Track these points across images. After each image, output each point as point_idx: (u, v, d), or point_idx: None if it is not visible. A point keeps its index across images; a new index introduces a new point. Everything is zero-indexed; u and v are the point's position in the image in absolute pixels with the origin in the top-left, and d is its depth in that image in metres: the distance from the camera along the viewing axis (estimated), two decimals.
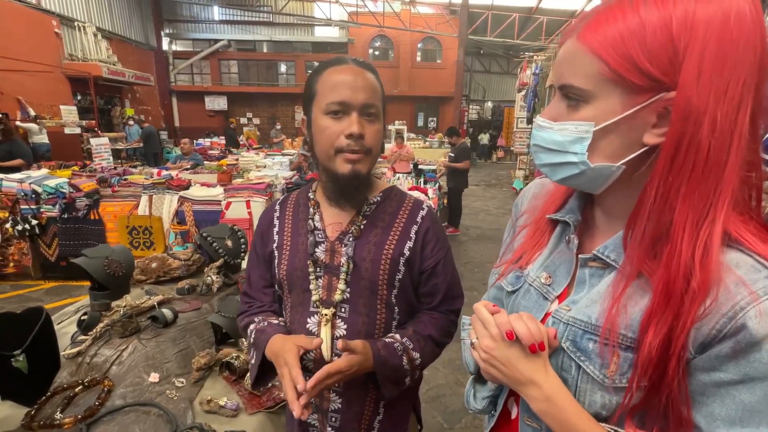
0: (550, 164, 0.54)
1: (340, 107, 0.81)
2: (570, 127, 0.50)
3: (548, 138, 0.53)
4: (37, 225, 3.97)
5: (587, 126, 0.49)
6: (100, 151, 7.40)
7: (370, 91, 0.82)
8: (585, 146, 0.49)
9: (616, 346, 0.49)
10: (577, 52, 0.49)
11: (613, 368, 0.50)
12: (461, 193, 5.96)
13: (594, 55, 0.47)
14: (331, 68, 0.84)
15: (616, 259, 0.53)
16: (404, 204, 0.93)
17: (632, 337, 0.48)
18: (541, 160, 0.56)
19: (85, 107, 10.48)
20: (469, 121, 17.63)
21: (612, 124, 0.48)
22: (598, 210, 0.60)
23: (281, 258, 0.93)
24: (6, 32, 8.04)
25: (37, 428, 1.01)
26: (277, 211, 0.99)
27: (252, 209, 3.89)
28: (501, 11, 13.26)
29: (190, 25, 16.33)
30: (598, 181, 0.52)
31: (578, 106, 0.50)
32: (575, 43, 0.49)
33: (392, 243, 0.88)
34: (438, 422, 2.34)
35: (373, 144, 0.84)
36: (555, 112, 0.53)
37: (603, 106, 0.48)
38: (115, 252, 1.69)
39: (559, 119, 0.52)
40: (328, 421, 0.92)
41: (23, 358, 1.03)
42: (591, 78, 0.48)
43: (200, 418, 1.08)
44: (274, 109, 17.39)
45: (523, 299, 0.63)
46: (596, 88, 0.48)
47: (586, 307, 0.53)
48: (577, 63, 0.49)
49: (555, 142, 0.52)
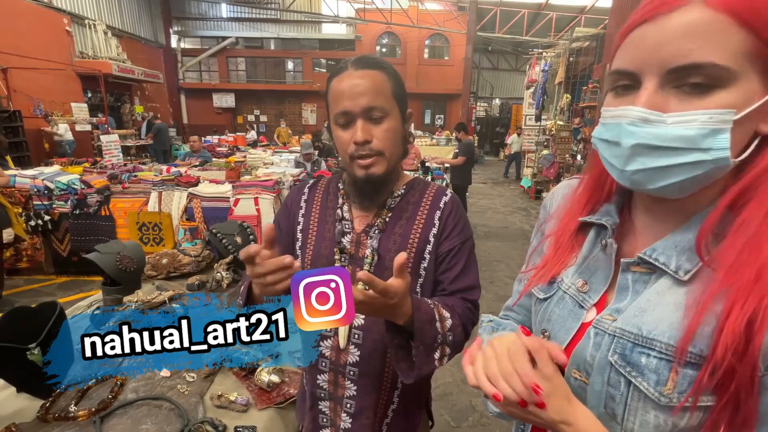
0: (657, 168, 0.44)
1: (344, 117, 0.83)
2: (702, 117, 0.41)
3: (664, 134, 0.42)
4: (50, 221, 4.03)
5: (727, 115, 0.40)
6: (111, 148, 7.49)
7: (371, 92, 0.81)
8: (725, 139, 0.41)
9: (680, 363, 0.44)
10: (716, 21, 0.40)
11: (670, 385, 0.44)
12: (465, 190, 5.96)
13: (743, 25, 0.39)
14: (334, 78, 0.85)
15: (665, 262, 0.48)
16: (427, 192, 0.94)
17: (696, 353, 0.43)
18: (642, 164, 0.45)
19: (96, 104, 10.61)
20: (477, 118, 17.52)
21: (751, 111, 0.41)
22: (640, 212, 0.55)
23: (306, 242, 0.95)
24: (18, 30, 8.16)
25: (52, 420, 1.03)
26: (306, 194, 1.00)
27: (260, 206, 3.91)
28: (510, 7, 13.12)
29: (198, 22, 16.41)
30: (704, 182, 0.44)
31: (709, 91, 0.41)
32: (708, 11, 0.40)
33: (417, 232, 0.89)
34: (445, 420, 2.34)
35: (382, 145, 0.84)
36: (658, 101, 0.43)
37: (745, 90, 0.41)
38: (127, 248, 1.71)
39: (670, 110, 0.43)
40: (343, 408, 0.92)
41: (38, 352, 1.04)
42: (738, 54, 0.40)
43: (211, 412, 1.09)
44: (281, 106, 17.43)
45: (556, 307, 0.58)
46: (742, 67, 0.40)
47: (635, 317, 0.48)
48: (716, 36, 0.40)
49: (680, 138, 0.42)
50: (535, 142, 9.41)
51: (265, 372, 1.20)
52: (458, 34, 13.99)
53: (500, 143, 17.51)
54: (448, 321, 0.80)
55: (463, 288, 0.89)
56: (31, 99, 8.22)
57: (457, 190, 5.89)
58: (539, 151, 8.93)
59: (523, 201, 8.63)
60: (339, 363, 0.91)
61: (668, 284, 0.48)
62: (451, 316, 0.81)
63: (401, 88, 0.88)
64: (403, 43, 16.65)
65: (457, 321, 0.82)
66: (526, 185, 9.45)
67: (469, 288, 0.90)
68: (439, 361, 0.79)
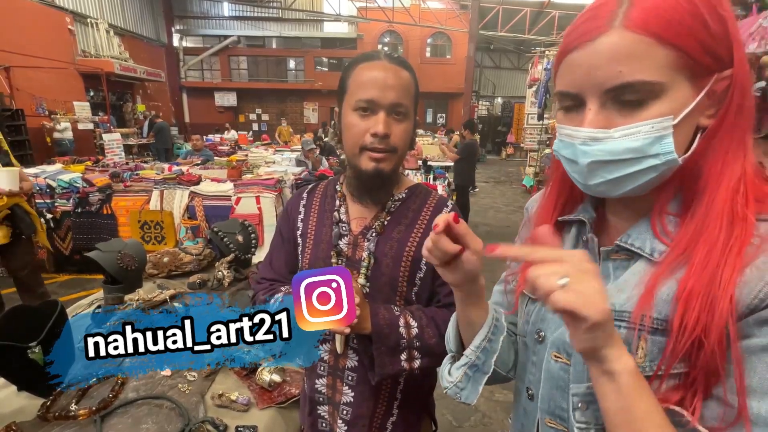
0: (616, 178, 0.48)
1: (368, 105, 0.81)
2: (644, 128, 0.45)
3: (614, 148, 0.47)
4: (52, 219, 4.04)
5: (667, 122, 0.45)
6: (113, 147, 7.50)
7: (400, 90, 0.81)
8: (669, 143, 0.45)
9: (644, 330, 0.47)
10: (639, 43, 0.44)
11: (641, 354, 0.47)
12: (467, 189, 5.94)
13: (664, 43, 0.43)
14: (363, 64, 0.84)
15: (641, 246, 0.51)
16: (428, 201, 0.92)
17: (660, 318, 0.46)
18: (602, 177, 0.49)
19: (98, 103, 10.63)
20: (479, 117, 17.48)
21: (687, 113, 0.45)
22: (612, 207, 0.58)
23: (305, 246, 0.94)
24: (20, 29, 8.17)
25: (53, 419, 1.03)
26: (305, 198, 1.00)
27: (262, 205, 3.91)
28: (512, 6, 13.09)
29: (200, 21, 16.43)
30: (659, 180, 0.49)
31: (643, 104, 0.45)
32: (629, 34, 0.44)
33: (414, 241, 0.87)
34: (447, 420, 2.34)
35: (399, 143, 0.84)
36: (603, 119, 0.47)
37: (677, 97, 0.45)
38: (128, 246, 1.70)
39: (615, 125, 0.47)
40: (339, 414, 0.91)
41: (39, 350, 1.04)
42: (665, 69, 0.44)
43: (212, 412, 1.09)
44: (283, 105, 17.44)
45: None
46: (670, 78, 0.44)
47: (611, 296, 0.51)
48: (641, 56, 0.44)
49: (628, 150, 0.46)
50: (537, 141, 9.38)
51: (267, 371, 1.19)
52: (460, 32, 13.96)
53: (502, 142, 17.49)
54: (414, 329, 0.83)
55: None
56: (34, 98, 8.23)
57: (459, 189, 5.89)
58: (541, 150, 8.90)
59: (524, 200, 8.55)
60: (338, 367, 0.90)
61: (644, 266, 0.51)
62: (421, 325, 0.84)
63: (418, 93, 0.88)
64: (405, 42, 16.64)
65: (432, 331, 0.84)
66: (528, 184, 9.43)
67: None
68: (407, 362, 0.83)
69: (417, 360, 0.83)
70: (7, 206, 2.59)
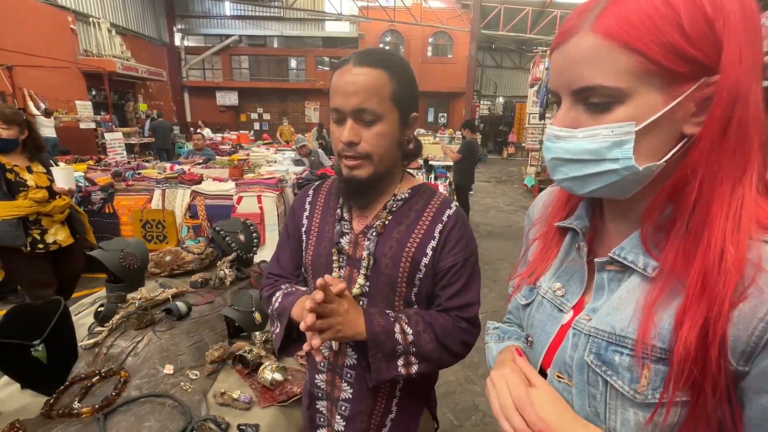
0: (578, 177, 0.48)
1: (337, 114, 0.81)
2: (603, 132, 0.45)
3: (573, 148, 0.47)
4: None
5: (627, 127, 0.44)
6: (114, 146, 7.51)
7: (364, 94, 0.77)
8: (629, 149, 0.44)
9: (647, 358, 0.46)
10: (599, 47, 0.43)
11: (644, 382, 0.46)
12: (467, 189, 5.93)
13: (625, 48, 0.42)
14: (336, 71, 0.82)
15: (633, 260, 0.50)
16: (431, 202, 0.90)
17: (663, 347, 0.45)
18: (564, 174, 0.49)
19: (100, 102, 10.64)
20: (480, 116, 17.45)
21: (654, 120, 0.43)
22: (609, 213, 0.56)
23: (308, 243, 0.95)
24: (23, 28, 8.19)
25: (56, 417, 1.03)
26: (310, 196, 1.00)
27: (263, 204, 3.91)
28: (514, 5, 13.05)
29: (201, 20, 16.43)
30: (634, 185, 0.47)
31: (609, 107, 0.45)
32: (593, 37, 0.44)
33: (415, 242, 0.86)
34: (448, 419, 2.34)
35: (371, 148, 0.80)
36: (571, 118, 0.47)
37: (642, 103, 0.43)
38: (131, 245, 1.71)
39: (582, 125, 0.46)
40: (337, 410, 0.92)
41: (42, 348, 1.05)
42: (625, 74, 0.43)
43: (214, 410, 1.09)
44: (284, 104, 17.44)
45: (536, 312, 0.60)
46: (632, 84, 0.43)
47: (608, 315, 0.50)
48: (602, 60, 0.43)
49: (586, 151, 0.46)
50: (539, 140, 9.36)
51: (269, 370, 1.20)
52: (462, 32, 13.93)
53: (503, 142, 17.46)
54: (409, 335, 0.83)
55: (458, 306, 0.88)
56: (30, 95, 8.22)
57: (459, 189, 5.88)
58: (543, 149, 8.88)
59: (526, 199, 8.60)
60: (337, 364, 0.91)
61: (638, 281, 0.50)
62: (417, 331, 0.84)
63: (405, 89, 0.81)
64: (407, 41, 16.61)
65: (429, 337, 0.84)
66: (530, 184, 9.42)
67: (466, 306, 0.88)
68: (404, 368, 0.83)
69: (414, 365, 0.84)
70: (68, 205, 2.50)
